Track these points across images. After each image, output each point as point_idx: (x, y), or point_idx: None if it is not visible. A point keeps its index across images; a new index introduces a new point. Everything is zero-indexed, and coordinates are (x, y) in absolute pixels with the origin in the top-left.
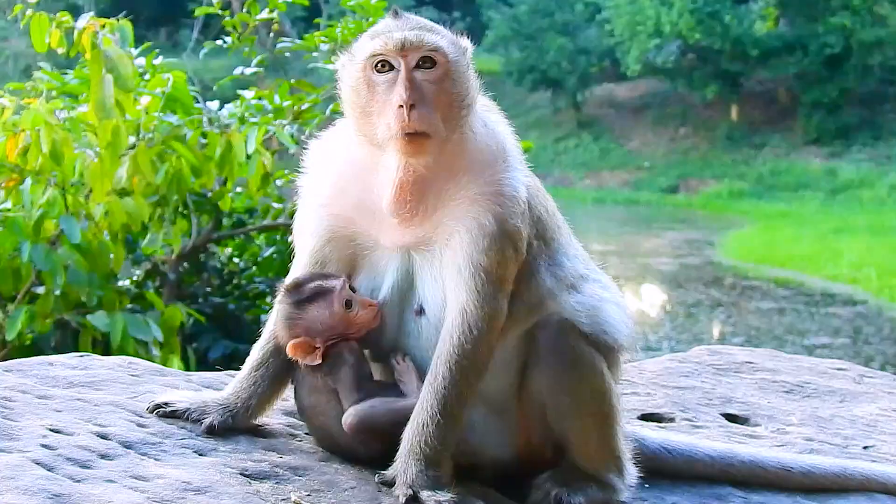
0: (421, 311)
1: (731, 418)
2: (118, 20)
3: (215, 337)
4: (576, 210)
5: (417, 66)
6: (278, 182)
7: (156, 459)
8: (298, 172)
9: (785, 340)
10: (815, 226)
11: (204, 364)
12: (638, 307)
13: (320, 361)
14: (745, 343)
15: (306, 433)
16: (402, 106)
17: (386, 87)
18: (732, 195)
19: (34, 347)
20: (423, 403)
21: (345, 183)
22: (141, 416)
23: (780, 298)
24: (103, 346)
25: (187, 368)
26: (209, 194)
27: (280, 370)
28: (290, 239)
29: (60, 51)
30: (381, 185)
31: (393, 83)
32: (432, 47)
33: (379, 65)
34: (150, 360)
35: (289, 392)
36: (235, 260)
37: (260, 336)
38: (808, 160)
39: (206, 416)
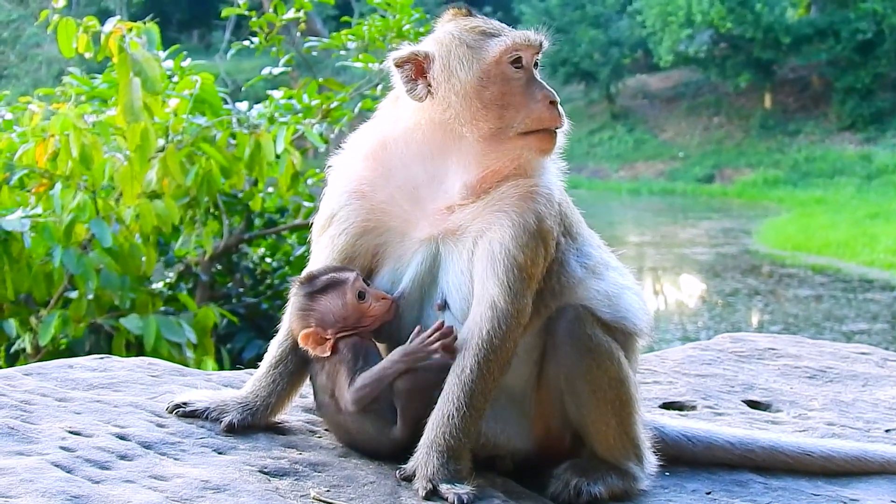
0: (444, 306)
1: (753, 405)
2: (145, 23)
3: (249, 337)
4: (611, 202)
5: None
6: (309, 181)
7: (175, 459)
8: (336, 154)
9: (823, 327)
10: (851, 212)
11: (238, 364)
12: (676, 297)
13: (330, 353)
14: (783, 331)
15: (325, 429)
16: (554, 102)
17: (523, 83)
18: (767, 183)
19: (68, 352)
20: (448, 395)
21: (392, 167)
22: (160, 417)
23: (818, 285)
24: (137, 349)
25: (221, 369)
26: (240, 195)
27: (298, 367)
28: None
29: (88, 55)
30: (442, 172)
31: (526, 80)
32: (545, 48)
33: (516, 61)
34: (184, 361)
35: (308, 389)
36: (268, 260)
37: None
38: (842, 146)
39: (225, 414)
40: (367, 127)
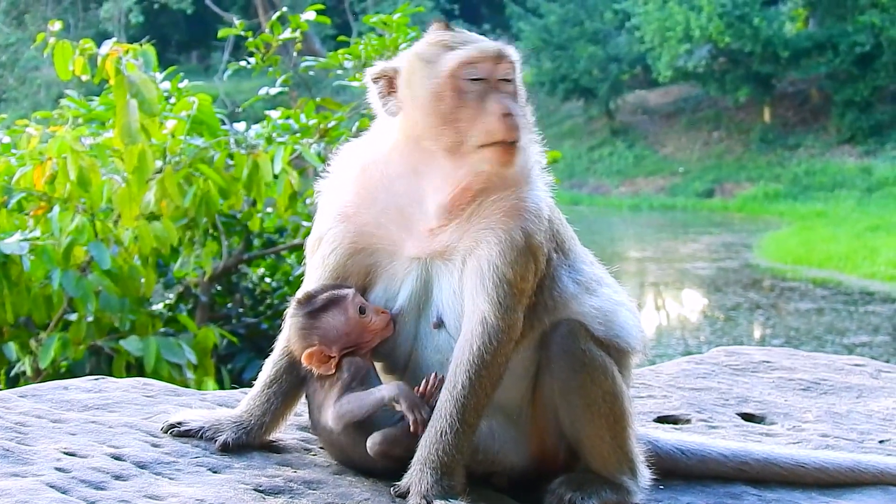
0: (440, 324)
1: (748, 417)
2: (141, 45)
3: (249, 357)
4: (612, 218)
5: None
6: (307, 201)
7: (170, 479)
8: (322, 178)
9: (825, 340)
10: (852, 224)
11: (236, 384)
12: (678, 312)
13: (334, 371)
14: (784, 344)
15: (320, 447)
16: (507, 115)
17: (477, 96)
18: (768, 197)
19: (69, 374)
20: (441, 412)
21: (375, 189)
22: (155, 437)
23: (819, 298)
24: (137, 371)
25: (222, 389)
26: (238, 215)
27: (293, 386)
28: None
29: (85, 78)
30: (422, 191)
31: (483, 93)
32: (512, 60)
33: (470, 73)
34: (185, 382)
35: (302, 407)
36: (267, 279)
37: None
38: (842, 159)
39: (220, 433)
40: (350, 148)
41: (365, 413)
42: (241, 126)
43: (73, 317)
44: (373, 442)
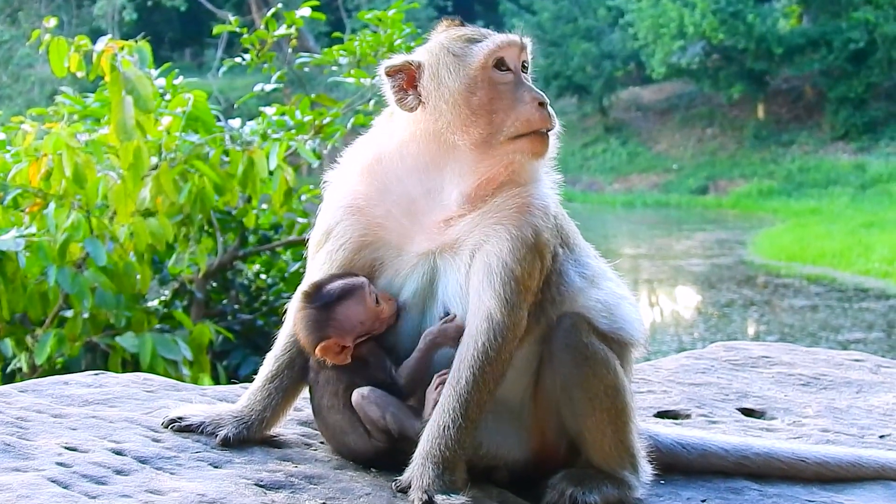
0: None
1: (747, 412)
2: (136, 42)
3: (245, 353)
4: (606, 215)
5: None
6: (302, 197)
7: (171, 473)
8: (331, 170)
9: (819, 337)
10: (846, 221)
11: (233, 381)
12: (672, 309)
13: (349, 361)
14: (779, 341)
15: (321, 442)
16: (542, 104)
17: (509, 87)
18: (762, 194)
19: (65, 371)
20: (444, 406)
21: (389, 181)
22: (156, 431)
23: (813, 295)
24: (133, 367)
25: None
26: (233, 212)
27: (294, 381)
28: None
29: (80, 74)
30: (438, 184)
31: (513, 83)
32: (530, 48)
33: (500, 64)
34: (180, 379)
35: (303, 402)
36: (262, 276)
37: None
38: (836, 156)
39: (220, 428)
40: (362, 141)
41: (426, 369)
42: (236, 123)
43: (69, 313)
44: (357, 394)
